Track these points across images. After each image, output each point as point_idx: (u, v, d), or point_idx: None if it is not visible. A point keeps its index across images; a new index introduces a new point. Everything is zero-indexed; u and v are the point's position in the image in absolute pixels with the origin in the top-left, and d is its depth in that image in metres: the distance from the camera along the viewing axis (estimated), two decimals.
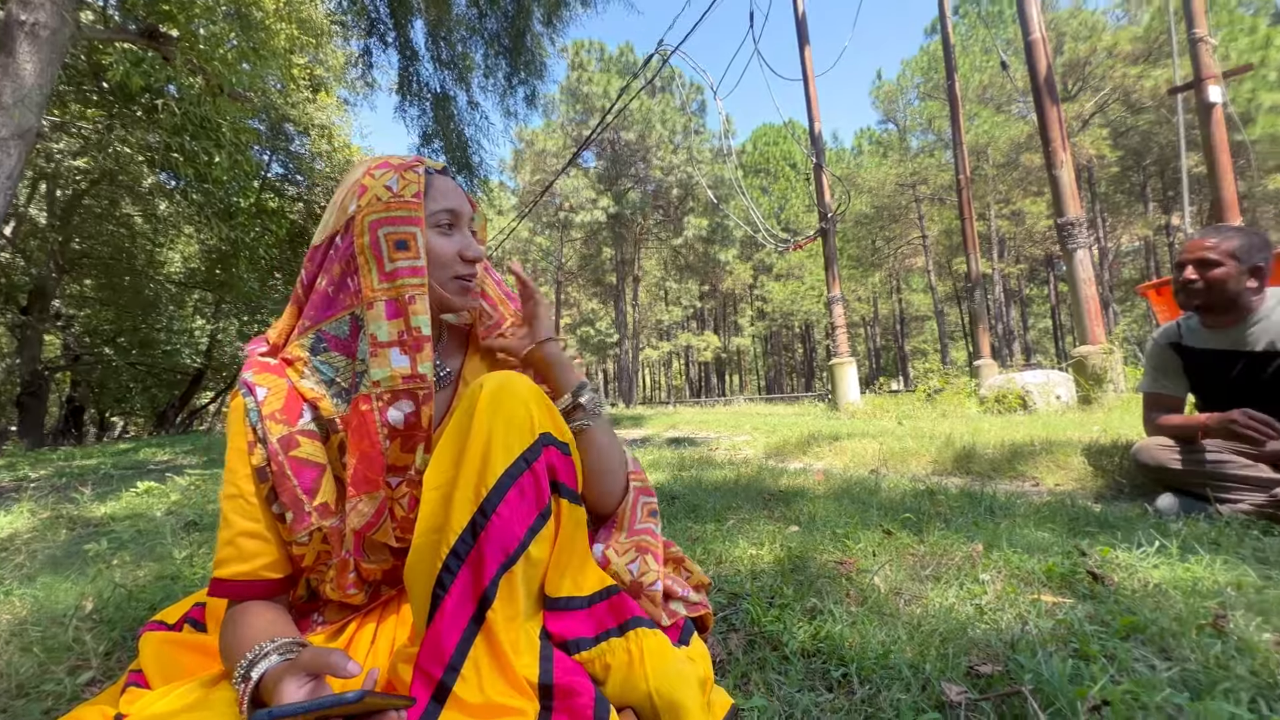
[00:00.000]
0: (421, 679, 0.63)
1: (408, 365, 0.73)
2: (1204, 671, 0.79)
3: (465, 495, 0.67)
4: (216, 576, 0.75)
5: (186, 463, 4.81)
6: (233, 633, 0.71)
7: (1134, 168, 20.70)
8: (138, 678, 0.84)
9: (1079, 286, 5.20)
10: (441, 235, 0.78)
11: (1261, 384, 1.66)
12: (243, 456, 0.76)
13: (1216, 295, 1.66)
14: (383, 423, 0.73)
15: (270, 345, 0.82)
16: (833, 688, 0.84)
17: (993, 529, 1.50)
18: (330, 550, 0.77)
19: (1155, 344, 1.90)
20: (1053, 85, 5.55)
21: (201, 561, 1.53)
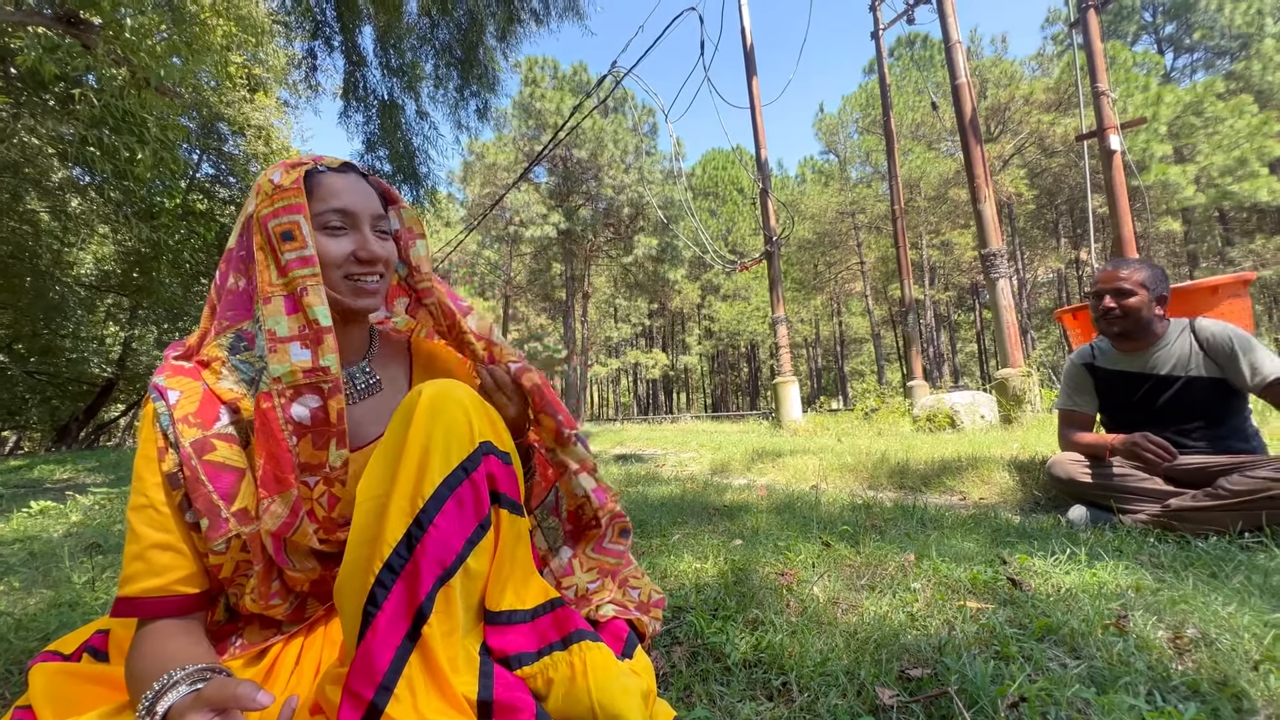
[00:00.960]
0: (350, 701, 0.60)
1: (309, 359, 0.71)
2: (1108, 668, 0.86)
3: (400, 506, 0.65)
4: (123, 595, 0.69)
5: (90, 480, 4.42)
6: (140, 657, 0.66)
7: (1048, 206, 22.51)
8: (25, 715, 0.76)
9: (1000, 313, 5.58)
10: (329, 236, 0.76)
11: (1162, 405, 1.83)
12: (152, 464, 0.71)
13: (1132, 322, 1.81)
14: (286, 420, 0.71)
15: (186, 348, 0.79)
16: (773, 696, 0.86)
17: (923, 540, 1.57)
18: (250, 559, 0.73)
19: (1071, 364, 2.06)
20: (977, 126, 5.98)
21: (105, 586, 1.41)
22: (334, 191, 0.77)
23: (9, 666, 1.02)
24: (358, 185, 0.79)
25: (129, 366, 13.45)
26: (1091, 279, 1.94)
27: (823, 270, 28.47)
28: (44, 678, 0.80)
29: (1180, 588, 1.16)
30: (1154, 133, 17.35)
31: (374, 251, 0.78)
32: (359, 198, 0.78)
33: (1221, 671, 0.83)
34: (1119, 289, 1.81)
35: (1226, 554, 1.37)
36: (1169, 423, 1.82)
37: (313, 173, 0.77)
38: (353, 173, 0.80)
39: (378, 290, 0.80)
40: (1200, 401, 1.77)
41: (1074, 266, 23.66)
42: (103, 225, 9.97)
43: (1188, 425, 1.80)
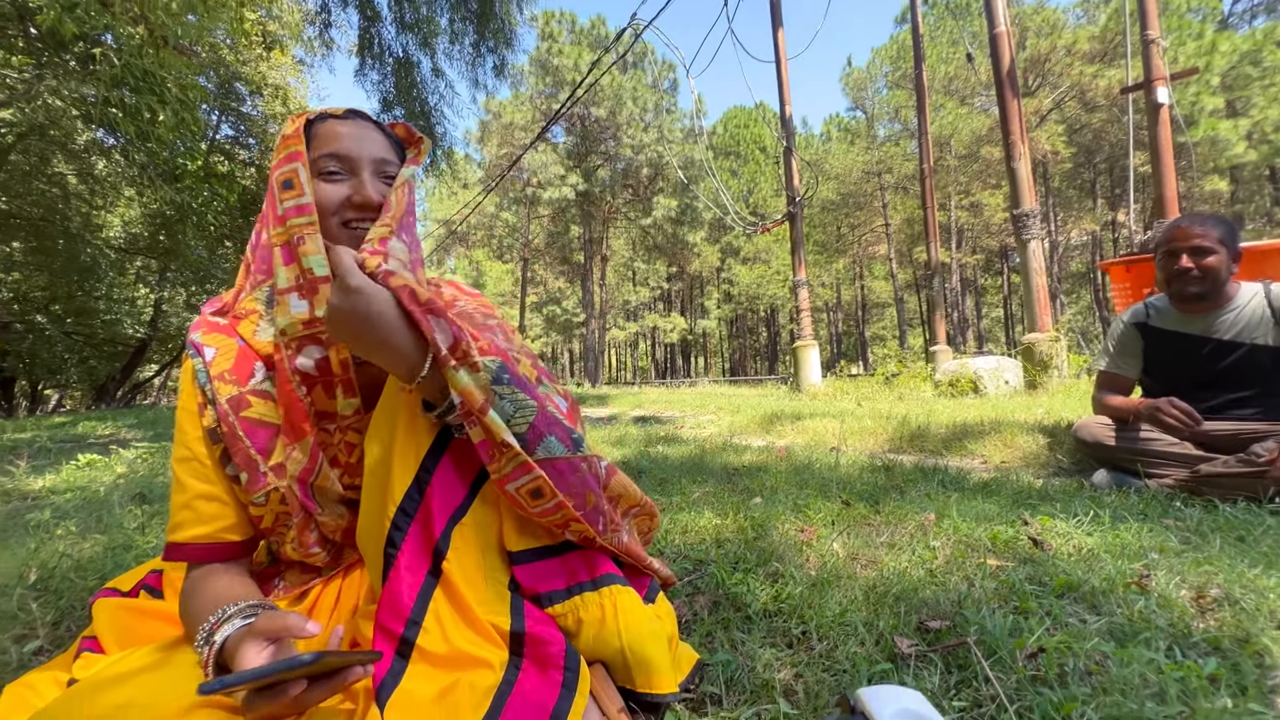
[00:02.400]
0: (382, 635, 0.64)
1: (305, 310, 0.70)
2: (1128, 624, 0.86)
3: (406, 452, 0.68)
4: (173, 541, 0.73)
5: (131, 436, 4.60)
6: (194, 597, 0.70)
7: (1085, 165, 21.54)
8: (91, 644, 0.82)
9: (1031, 276, 5.42)
10: (326, 181, 0.74)
11: (1218, 371, 1.75)
12: (193, 418, 0.74)
13: (1210, 282, 1.71)
14: (293, 370, 0.72)
15: (223, 305, 0.80)
16: (793, 644, 0.88)
17: (944, 500, 1.58)
18: (289, 510, 0.76)
19: (1120, 324, 1.96)
20: (1015, 79, 5.70)
21: (155, 531, 1.48)
22: (331, 137, 0.75)
23: (71, 602, 1.09)
24: (359, 130, 0.77)
25: (161, 328, 13.82)
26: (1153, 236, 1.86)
27: (846, 233, 27.80)
28: (106, 611, 0.85)
29: (1206, 549, 1.15)
30: (1205, 85, 16.35)
31: (368, 196, 0.74)
32: (358, 143, 0.76)
33: (1244, 630, 0.84)
34: (1198, 247, 1.70)
35: (1256, 519, 1.35)
36: (1221, 390, 1.75)
37: (314, 120, 0.77)
38: (358, 118, 0.79)
39: None
40: (1260, 370, 1.69)
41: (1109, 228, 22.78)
42: (128, 188, 10.09)
43: (1241, 394, 1.73)
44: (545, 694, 0.63)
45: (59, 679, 0.75)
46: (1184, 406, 1.66)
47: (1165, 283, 1.81)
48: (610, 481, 0.78)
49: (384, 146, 0.78)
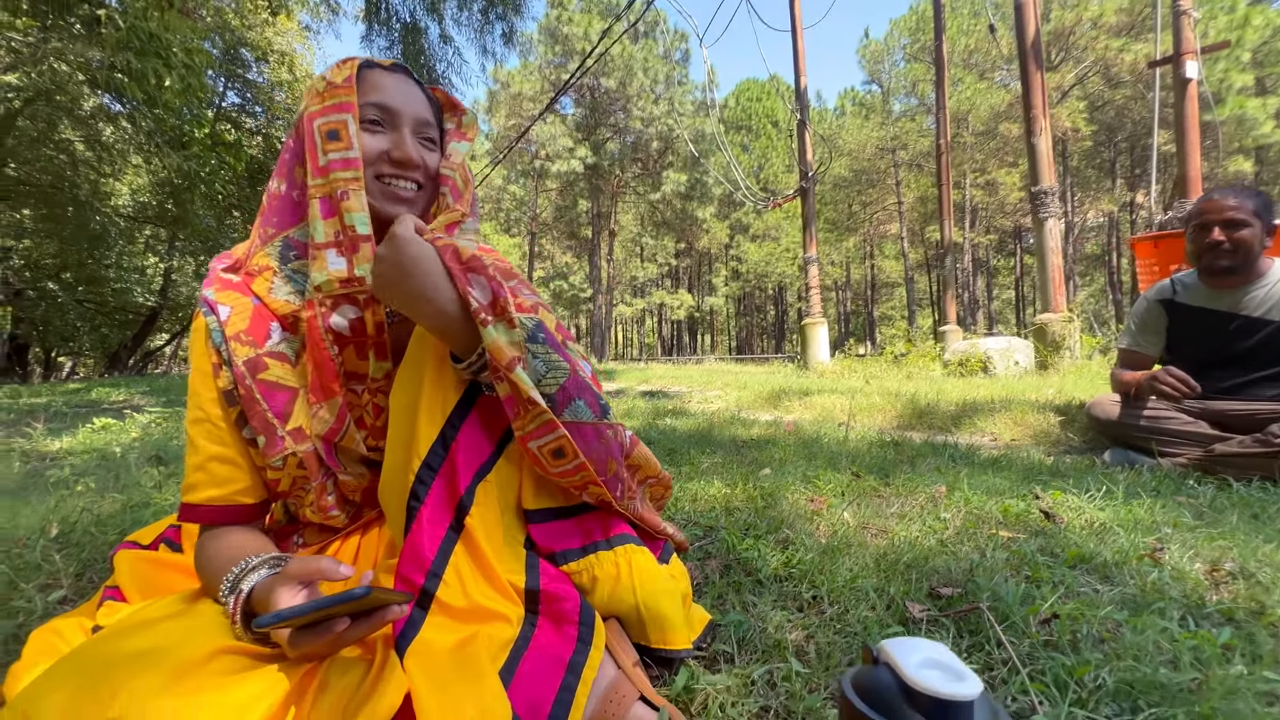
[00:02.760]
0: (403, 587, 0.64)
1: (344, 268, 0.69)
2: (1141, 595, 0.86)
3: (433, 407, 0.67)
4: (187, 502, 0.73)
5: (144, 402, 4.66)
6: (211, 553, 0.70)
7: (1106, 143, 21.02)
8: (114, 593, 0.83)
9: (1046, 255, 5.34)
10: (366, 132, 0.72)
11: (1244, 349, 1.72)
12: (207, 379, 0.72)
13: (1242, 256, 1.67)
14: (326, 329, 0.70)
15: (234, 260, 0.78)
16: (804, 608, 0.89)
17: (954, 474, 1.57)
18: (307, 475, 0.75)
19: (1145, 300, 1.92)
20: (1039, 50, 5.53)
21: (171, 490, 1.51)
22: (377, 87, 0.73)
23: (93, 555, 1.11)
24: (404, 86, 0.75)
25: (170, 296, 13.90)
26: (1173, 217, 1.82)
27: (857, 210, 27.39)
28: (127, 563, 0.87)
29: (1220, 525, 1.14)
30: (1234, 60, 15.82)
31: (408, 152, 0.73)
32: (403, 98, 0.74)
33: (1260, 602, 0.83)
34: (1231, 220, 1.67)
35: (1270, 498, 1.34)
36: (1244, 368, 1.72)
37: (363, 67, 0.75)
38: (403, 74, 0.77)
39: (412, 199, 0.75)
40: None
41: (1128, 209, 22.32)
42: (136, 155, 10.04)
43: (1264, 372, 1.70)
44: (561, 648, 0.64)
45: (84, 625, 0.77)
46: (1180, 374, 1.65)
47: (1195, 256, 1.76)
48: (633, 451, 0.78)
49: (426, 108, 0.77)
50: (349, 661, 0.62)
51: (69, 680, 0.49)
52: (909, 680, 0.37)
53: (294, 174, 0.74)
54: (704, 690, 0.67)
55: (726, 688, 0.68)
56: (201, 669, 0.54)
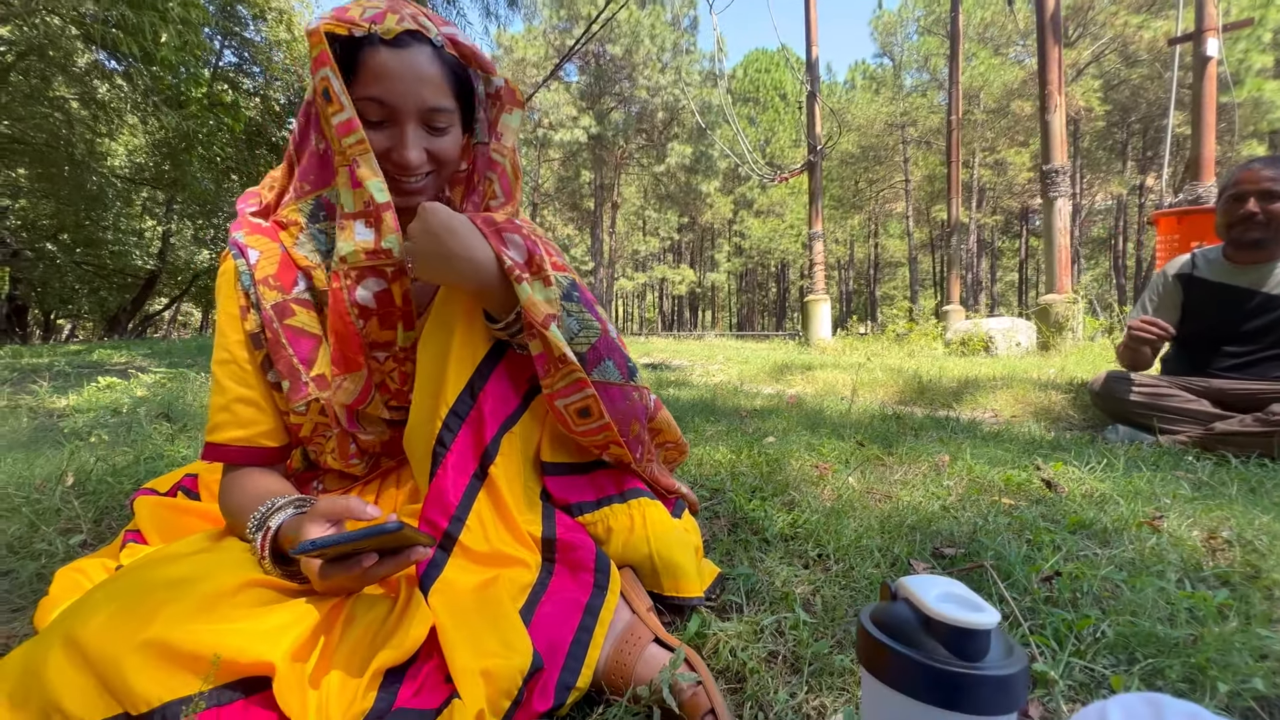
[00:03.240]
0: (427, 529, 0.66)
1: (371, 239, 0.66)
2: (1140, 558, 0.88)
3: (462, 357, 0.68)
4: (211, 441, 0.73)
5: (147, 364, 4.67)
6: (235, 492, 0.72)
7: (1119, 124, 20.66)
8: (135, 536, 0.85)
9: (1054, 235, 5.30)
10: (366, 127, 0.66)
11: (1257, 327, 1.72)
12: (235, 321, 0.72)
13: (1275, 229, 1.66)
14: (352, 302, 0.69)
15: (262, 204, 0.77)
16: (809, 565, 0.91)
17: (956, 445, 1.59)
18: (328, 422, 0.76)
19: (1163, 274, 1.91)
20: (1058, 25, 5.40)
21: (184, 443, 1.52)
22: (377, 75, 0.65)
23: (109, 502, 1.13)
24: (410, 67, 0.65)
25: (169, 260, 13.80)
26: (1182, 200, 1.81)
27: (864, 188, 27.04)
28: (147, 508, 0.88)
29: (1218, 498, 1.16)
30: (1255, 40, 15.45)
31: (407, 159, 0.67)
32: (406, 86, 0.65)
33: (1255, 567, 0.85)
34: (1268, 191, 1.65)
35: (1269, 474, 1.36)
36: (1259, 345, 1.73)
37: (362, 43, 0.65)
38: (411, 44, 0.66)
39: (424, 188, 0.71)
40: None
41: (1137, 193, 22.06)
42: (132, 114, 9.85)
43: (1277, 351, 1.71)
44: (578, 593, 0.66)
45: (107, 565, 0.79)
46: (1151, 318, 1.68)
47: (1226, 227, 1.75)
48: (657, 415, 0.79)
49: (437, 86, 0.67)
50: (375, 598, 0.64)
51: (108, 603, 0.50)
52: (929, 611, 0.38)
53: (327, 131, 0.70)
54: (715, 636, 0.69)
55: (737, 634, 0.70)
56: (231, 599, 0.55)
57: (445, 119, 0.69)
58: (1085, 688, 0.62)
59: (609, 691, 0.61)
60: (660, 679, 0.56)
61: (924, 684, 0.36)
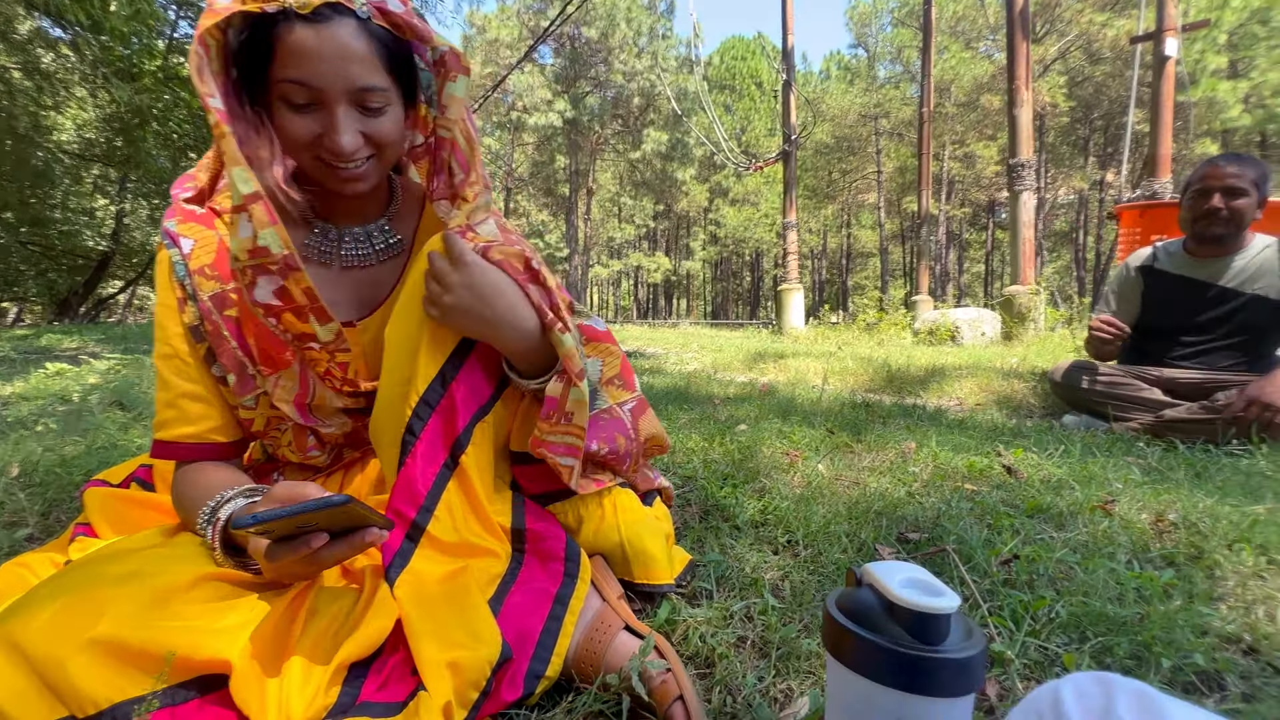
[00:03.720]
0: (395, 520, 0.65)
1: (250, 235, 0.61)
2: (1092, 541, 0.92)
3: (433, 345, 0.66)
4: (160, 439, 0.70)
5: (101, 350, 4.47)
6: (188, 486, 0.69)
7: (1082, 120, 21.22)
8: (85, 529, 0.82)
9: (1019, 227, 5.43)
10: (292, 112, 0.61)
11: (1213, 317, 1.79)
12: (172, 313, 0.69)
13: (1236, 224, 1.71)
14: (253, 302, 0.65)
15: (197, 189, 0.73)
16: (779, 550, 0.92)
17: (923, 433, 1.63)
18: (281, 416, 0.73)
19: (1125, 267, 1.97)
20: (1027, 20, 5.50)
21: (139, 433, 1.47)
22: (296, 55, 0.58)
23: (58, 495, 1.08)
24: (332, 44, 0.59)
25: (124, 241, 13.21)
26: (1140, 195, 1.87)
27: (837, 178, 27.32)
28: (97, 500, 0.85)
29: (1166, 482, 1.22)
30: (1211, 42, 15.99)
31: (340, 145, 0.61)
32: (329, 65, 0.59)
33: (1198, 548, 0.90)
34: (1232, 188, 1.70)
35: (1212, 459, 1.43)
36: (1211, 336, 1.80)
37: (278, 21, 0.59)
38: (334, 17, 0.59)
39: (364, 175, 0.66)
40: (1255, 321, 1.74)
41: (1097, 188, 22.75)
42: (80, 86, 9.35)
43: (1229, 341, 1.78)
44: (548, 582, 0.65)
45: (55, 560, 0.76)
46: (1109, 319, 1.76)
47: (1190, 222, 1.80)
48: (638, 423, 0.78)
49: (366, 63, 0.61)
50: (338, 590, 0.62)
51: (53, 600, 0.48)
52: (892, 597, 0.39)
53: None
54: (685, 622, 0.70)
55: (707, 620, 0.70)
56: (185, 595, 0.53)
57: (379, 98, 0.63)
58: (1040, 666, 0.64)
59: (579, 680, 0.61)
60: (630, 667, 0.57)
61: (885, 668, 0.37)
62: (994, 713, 0.58)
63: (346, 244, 0.75)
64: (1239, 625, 0.71)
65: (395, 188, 0.80)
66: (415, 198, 0.82)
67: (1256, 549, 0.87)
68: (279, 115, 0.62)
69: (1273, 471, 1.31)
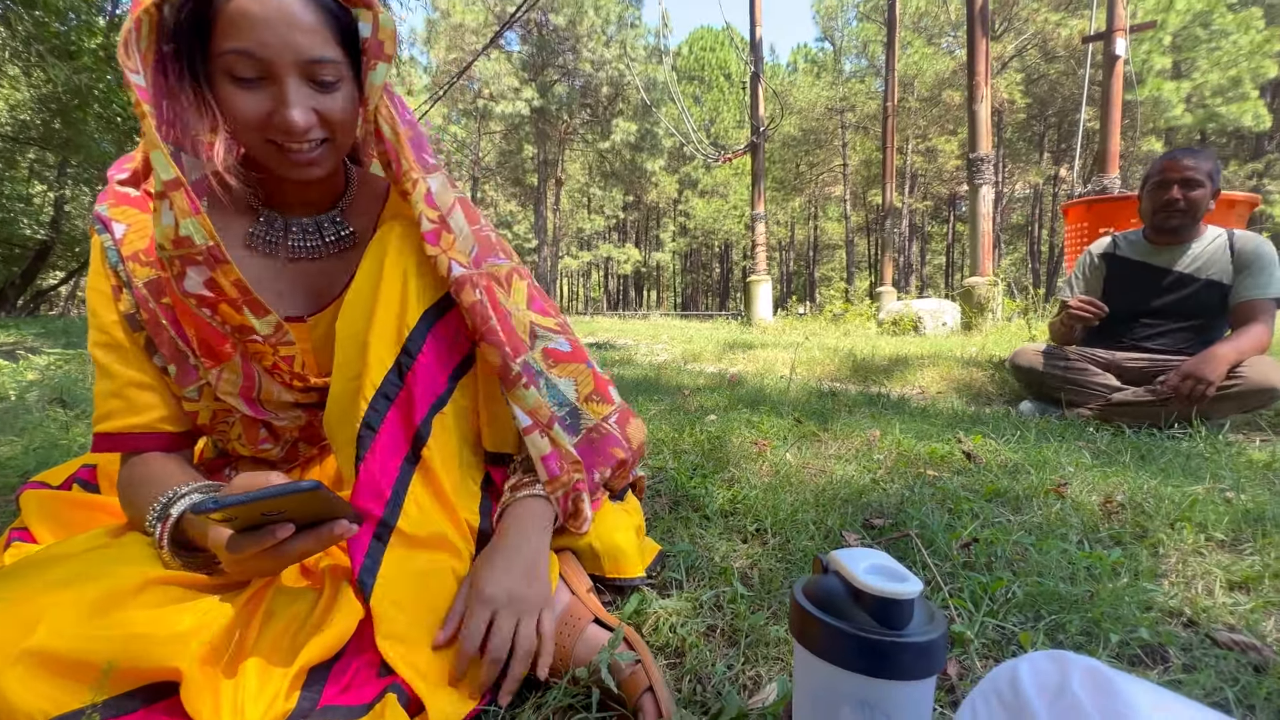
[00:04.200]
0: None
1: (172, 224, 0.58)
2: (1046, 523, 0.95)
3: (386, 337, 0.64)
4: (104, 431, 0.66)
5: (40, 345, 4.24)
6: (136, 482, 0.65)
7: (1037, 117, 21.92)
8: (22, 534, 0.77)
9: (978, 220, 5.59)
10: (237, 88, 0.57)
11: (1170, 302, 1.88)
12: (107, 301, 0.66)
13: (1192, 215, 1.80)
14: (184, 293, 0.62)
15: (133, 171, 0.69)
16: (748, 539, 0.93)
17: (887, 421, 1.67)
18: (227, 408, 0.70)
19: (1088, 254, 2.06)
20: (986, 17, 5.63)
21: (81, 431, 1.39)
22: (240, 24, 0.55)
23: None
24: (277, 11, 0.55)
25: (64, 230, 12.51)
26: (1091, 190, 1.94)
27: (804, 171, 27.64)
28: (36, 501, 0.80)
29: (1114, 465, 1.27)
30: (1157, 43, 16.67)
31: (291, 120, 0.57)
32: (275, 34, 0.55)
33: (1143, 527, 0.94)
34: (1188, 179, 1.78)
35: (1156, 442, 1.50)
36: (1167, 319, 1.89)
37: None
38: None
39: (319, 159, 0.62)
40: (1207, 305, 1.84)
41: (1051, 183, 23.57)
42: (12, 64, 8.78)
43: (1184, 324, 1.88)
44: None
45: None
46: (1088, 298, 1.82)
47: (1151, 213, 1.89)
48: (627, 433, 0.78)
49: (314, 33, 0.57)
50: (297, 591, 0.60)
51: None
52: (857, 583, 0.39)
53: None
54: (655, 613, 0.70)
55: (676, 610, 0.71)
56: (132, 600, 0.51)
57: (331, 71, 0.59)
58: (997, 645, 0.66)
59: (549, 674, 0.60)
60: (599, 659, 0.56)
61: (850, 653, 0.37)
62: (954, 691, 0.60)
63: (294, 234, 0.71)
64: (1180, 600, 0.74)
65: (351, 178, 0.77)
66: (374, 191, 0.79)
67: (1196, 527, 0.92)
68: (224, 92, 0.58)
69: (1210, 453, 1.38)
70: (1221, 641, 0.66)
